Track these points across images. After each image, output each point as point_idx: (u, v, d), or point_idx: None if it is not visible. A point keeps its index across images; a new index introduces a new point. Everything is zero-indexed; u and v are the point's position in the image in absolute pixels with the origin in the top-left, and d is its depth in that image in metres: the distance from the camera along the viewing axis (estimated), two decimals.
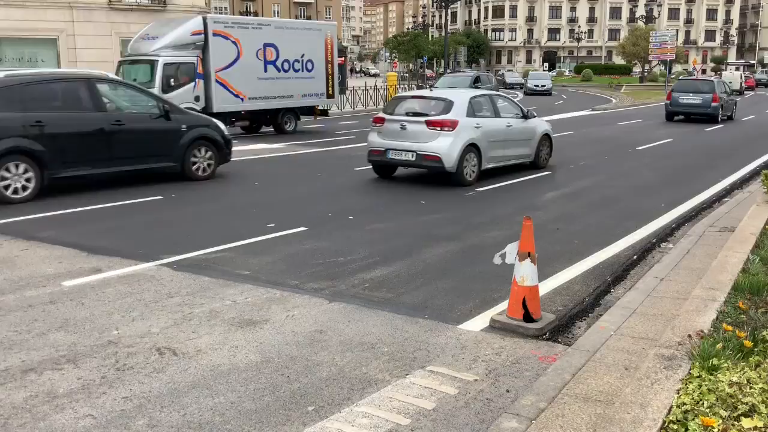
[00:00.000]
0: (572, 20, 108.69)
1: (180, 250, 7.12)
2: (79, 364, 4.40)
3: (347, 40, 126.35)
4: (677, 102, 26.10)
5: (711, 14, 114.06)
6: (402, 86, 42.46)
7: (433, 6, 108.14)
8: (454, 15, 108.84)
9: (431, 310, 5.46)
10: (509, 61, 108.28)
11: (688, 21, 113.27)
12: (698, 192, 11.07)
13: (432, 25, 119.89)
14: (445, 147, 11.18)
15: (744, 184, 12.02)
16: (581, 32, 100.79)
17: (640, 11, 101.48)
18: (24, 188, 9.76)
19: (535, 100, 40.17)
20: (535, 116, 13.52)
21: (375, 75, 77.31)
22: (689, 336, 3.01)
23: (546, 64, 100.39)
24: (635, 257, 7.16)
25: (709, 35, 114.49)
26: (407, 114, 11.87)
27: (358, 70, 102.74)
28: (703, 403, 2.45)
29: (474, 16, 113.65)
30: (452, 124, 11.32)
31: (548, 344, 4.82)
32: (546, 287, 6.00)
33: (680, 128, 23.62)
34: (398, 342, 4.79)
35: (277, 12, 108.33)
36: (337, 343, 4.76)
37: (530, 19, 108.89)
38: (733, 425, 2.35)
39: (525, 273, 4.99)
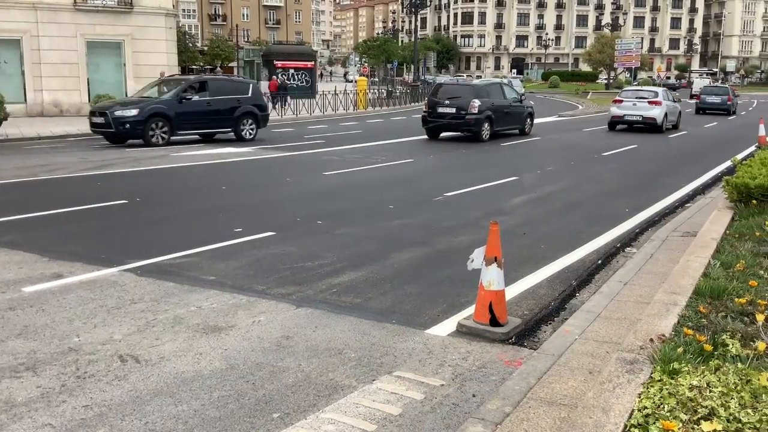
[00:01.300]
0: (540, 27, 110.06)
1: (144, 255, 7.01)
2: (38, 371, 4.30)
3: (317, 45, 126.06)
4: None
5: (675, 23, 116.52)
6: (372, 90, 42.51)
7: (402, 11, 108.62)
8: (423, 21, 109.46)
9: (399, 315, 5.45)
10: (478, 67, 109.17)
11: (653, 29, 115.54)
12: (662, 197, 11.26)
13: (402, 31, 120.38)
14: (658, 113, 24.89)
15: (706, 189, 12.25)
16: (548, 39, 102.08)
17: (606, 19, 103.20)
18: None
19: None
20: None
21: (352, 81, 77.08)
22: (651, 340, 3.05)
23: (514, 71, 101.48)
24: (600, 261, 7.25)
25: (674, 43, 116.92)
26: (636, 98, 25.84)
27: (331, 73, 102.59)
28: (663, 407, 2.48)
29: (443, 22, 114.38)
30: (659, 103, 25.14)
31: (514, 348, 4.84)
32: (513, 291, 6.04)
33: (645, 135, 24.02)
34: (365, 347, 4.77)
35: (246, 15, 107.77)
36: (303, 348, 4.72)
37: (498, 25, 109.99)
38: (692, 429, 2.38)
39: (491, 277, 5.01)
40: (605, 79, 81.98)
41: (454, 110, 20.37)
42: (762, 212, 6.43)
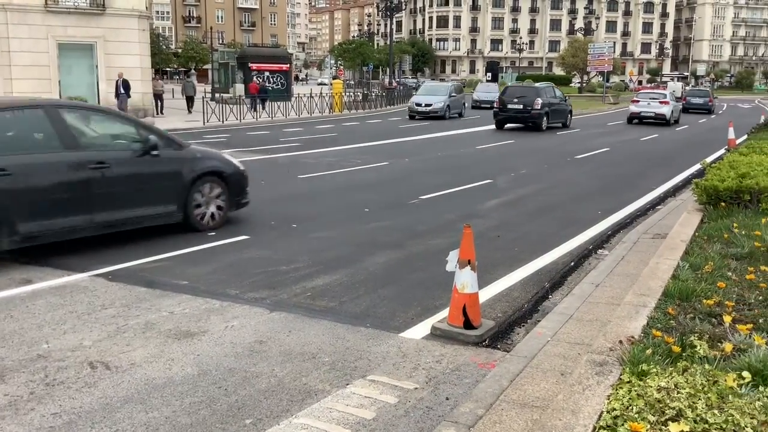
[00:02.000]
0: (514, 31, 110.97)
1: (115, 259, 6.93)
2: (6, 379, 4.22)
3: (292, 47, 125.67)
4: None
5: (647, 27, 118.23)
6: (348, 93, 42.48)
7: (378, 15, 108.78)
8: (399, 24, 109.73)
9: (373, 319, 5.45)
10: (453, 71, 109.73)
11: (625, 34, 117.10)
12: (633, 200, 11.40)
13: (377, 34, 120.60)
14: (667, 110, 30.67)
15: (677, 192, 12.44)
16: (523, 43, 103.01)
17: (579, 23, 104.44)
18: None
19: (479, 112, 40.73)
20: None
21: (321, 84, 76.88)
22: (620, 342, 3.09)
23: (489, 74, 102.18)
24: (572, 263, 7.32)
25: (645, 47, 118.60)
26: (650, 98, 31.81)
27: (303, 77, 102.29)
28: (632, 409, 2.51)
29: (419, 25, 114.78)
30: (667, 103, 31.03)
31: (488, 351, 4.87)
32: (486, 294, 6.07)
33: (617, 137, 24.34)
34: (339, 351, 4.76)
35: (221, 17, 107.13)
36: (277, 353, 4.70)
37: (473, 29, 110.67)
38: (660, 430, 2.41)
39: (465, 280, 5.03)
40: (578, 82, 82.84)
41: (521, 106, 26.42)
42: (730, 214, 6.54)
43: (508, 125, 27.20)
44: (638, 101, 32.73)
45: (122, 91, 25.84)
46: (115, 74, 26.66)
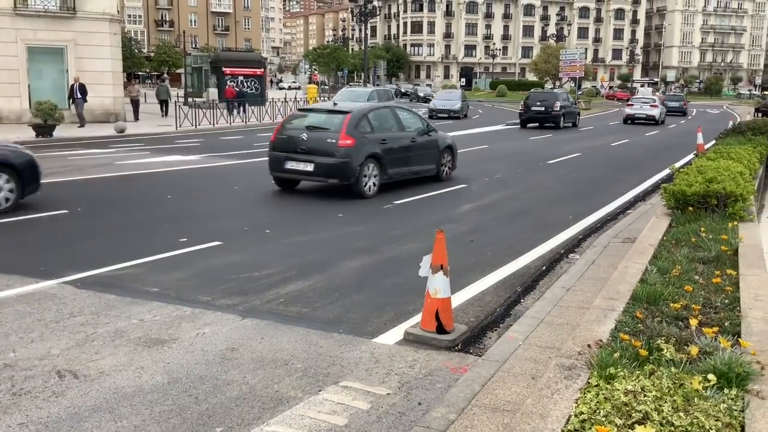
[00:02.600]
0: (487, 37, 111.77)
1: (85, 266, 6.83)
2: None
3: (266, 52, 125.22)
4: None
5: (618, 34, 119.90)
6: (323, 98, 42.42)
7: (353, 20, 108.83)
8: (374, 29, 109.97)
9: (346, 324, 5.44)
10: (428, 76, 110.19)
11: (597, 40, 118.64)
12: (604, 204, 11.54)
13: (352, 39, 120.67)
14: (657, 112, 37.67)
15: (647, 196, 12.62)
16: (496, 49, 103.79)
17: (552, 30, 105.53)
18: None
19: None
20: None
21: (296, 88, 76.53)
22: (589, 346, 3.12)
23: (463, 80, 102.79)
24: (544, 268, 7.39)
25: (616, 54, 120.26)
26: (642, 102, 38.41)
27: (277, 82, 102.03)
28: (599, 412, 2.54)
29: (393, 30, 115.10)
30: (657, 106, 37.65)
31: (460, 355, 4.89)
32: (459, 298, 6.10)
33: (588, 143, 24.64)
34: (312, 357, 4.74)
35: (194, 21, 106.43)
36: (249, 360, 4.67)
37: (447, 35, 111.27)
38: None
39: (438, 285, 5.04)
40: (551, 88, 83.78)
41: (543, 108, 32.17)
42: (698, 219, 6.65)
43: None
44: (633, 105, 39.15)
45: (78, 95, 25.47)
46: (85, 78, 26.30)
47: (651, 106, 37.99)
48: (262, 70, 46.44)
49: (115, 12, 28.96)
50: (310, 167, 11.53)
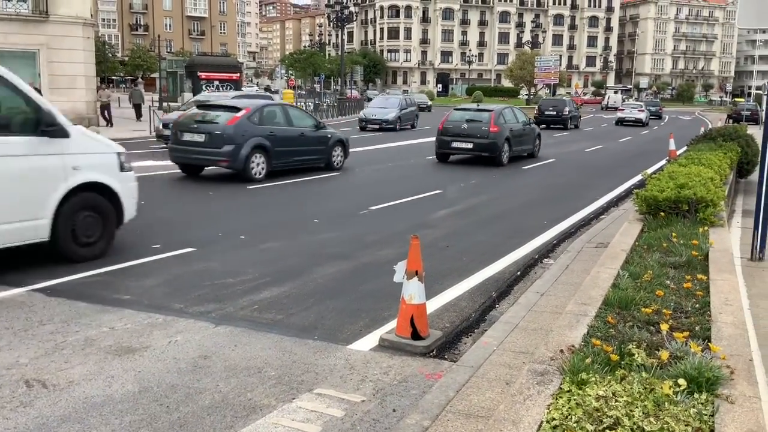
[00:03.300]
0: (464, 44, 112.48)
1: (55, 274, 6.71)
2: None
3: (243, 57, 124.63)
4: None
5: (591, 41, 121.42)
6: (299, 103, 42.32)
7: (329, 25, 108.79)
8: (350, 35, 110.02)
9: (321, 331, 5.41)
10: (405, 82, 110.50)
11: (571, 47, 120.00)
12: (578, 209, 11.64)
13: (329, 44, 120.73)
14: (643, 116, 45.92)
15: (620, 201, 12.76)
16: (472, 55, 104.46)
17: (527, 37, 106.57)
18: None
19: (428, 119, 40.81)
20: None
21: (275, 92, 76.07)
22: (561, 351, 3.13)
23: (440, 85, 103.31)
24: (519, 273, 7.42)
25: (590, 61, 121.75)
26: (631, 108, 48.02)
27: (258, 85, 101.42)
28: (571, 418, 2.55)
29: (370, 36, 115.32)
30: (643, 111, 46.89)
31: (435, 361, 4.88)
32: (435, 304, 6.11)
33: (563, 149, 24.86)
34: (286, 365, 4.70)
35: (169, 26, 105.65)
36: (221, 368, 4.61)
37: (424, 41, 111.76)
38: None
39: (413, 291, 5.04)
40: (526, 94, 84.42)
41: (555, 113, 38.43)
42: (669, 224, 6.73)
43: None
44: (624, 110, 47.73)
45: None
46: (59, 82, 25.96)
47: (639, 111, 46.29)
48: (238, 74, 46.20)
49: (89, 16, 28.63)
50: (470, 145, 18.43)
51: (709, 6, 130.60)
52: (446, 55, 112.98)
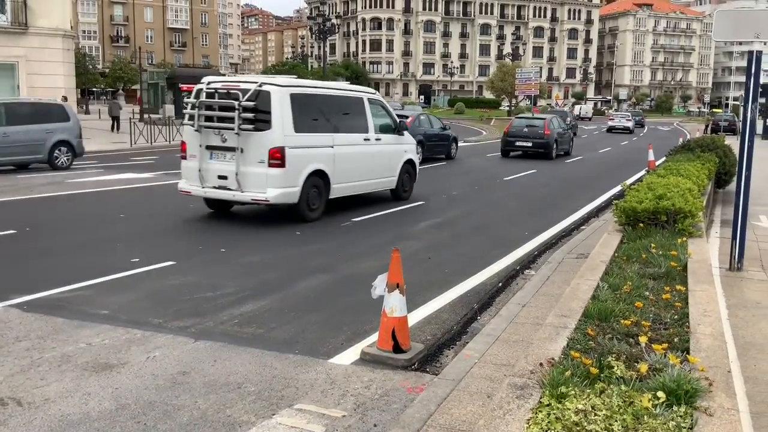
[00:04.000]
0: (445, 56, 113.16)
1: (32, 288, 6.61)
2: None
3: (225, 68, 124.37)
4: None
5: (571, 53, 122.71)
6: None
7: (311, 37, 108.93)
8: (333, 47, 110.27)
9: (302, 345, 5.37)
10: (387, 93, 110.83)
11: (551, 59, 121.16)
12: (559, 220, 11.71)
13: (311, 56, 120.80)
14: (630, 124, 54.22)
15: (600, 212, 12.85)
16: (454, 67, 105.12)
17: (507, 49, 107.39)
18: None
19: None
20: None
21: None
22: (541, 364, 3.13)
23: (422, 97, 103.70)
24: (500, 284, 7.43)
25: (570, 72, 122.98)
26: (620, 117, 56.35)
27: None
28: None
29: (352, 48, 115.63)
30: (630, 120, 55.28)
31: (417, 375, 4.86)
32: (417, 316, 6.09)
33: (544, 160, 25.01)
34: (266, 380, 4.66)
35: (151, 37, 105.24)
36: (201, 384, 4.56)
37: (406, 53, 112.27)
38: None
39: (394, 304, 5.03)
40: (507, 106, 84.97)
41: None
42: (648, 235, 6.77)
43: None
44: (613, 119, 55.23)
45: None
46: (38, 94, 25.68)
47: (627, 120, 54.38)
48: None
49: (68, 28, 28.47)
50: (529, 144, 25.26)
51: (686, 18, 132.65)
52: (428, 67, 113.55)
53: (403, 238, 9.86)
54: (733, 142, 14.45)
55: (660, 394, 2.87)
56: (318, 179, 10.98)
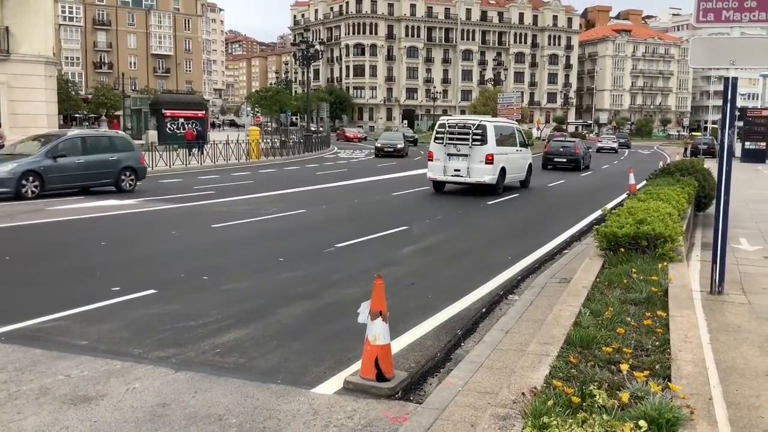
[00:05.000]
0: (428, 81, 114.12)
1: (10, 319, 6.51)
2: None
3: (209, 94, 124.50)
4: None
5: (552, 78, 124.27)
6: (266, 140, 42.31)
7: (295, 63, 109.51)
8: (317, 72, 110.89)
9: (285, 374, 5.33)
10: (371, 118, 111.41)
11: (532, 84, 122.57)
12: (542, 244, 11.75)
13: (295, 81, 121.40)
14: (615, 145, 64.87)
15: (582, 236, 12.92)
16: (436, 92, 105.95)
17: (489, 74, 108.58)
18: None
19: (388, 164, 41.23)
20: None
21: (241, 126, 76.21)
22: (523, 393, 3.12)
23: (405, 121, 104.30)
24: (484, 310, 7.43)
25: (551, 97, 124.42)
26: (607, 140, 67.11)
27: (220, 123, 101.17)
28: None
29: (336, 74, 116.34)
30: (616, 141, 67.05)
31: (400, 404, 4.83)
32: (401, 343, 6.07)
33: (523, 188, 25.19)
34: (248, 411, 4.60)
35: (134, 64, 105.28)
36: (181, 417, 4.49)
37: (389, 78, 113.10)
38: None
39: (377, 332, 5.00)
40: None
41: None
42: (629, 260, 6.81)
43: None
44: (602, 141, 64.11)
45: None
46: (19, 121, 25.60)
47: (613, 141, 64.29)
48: (204, 112, 46.16)
49: (51, 54, 28.41)
50: (565, 161, 33.12)
51: (664, 44, 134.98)
52: (411, 92, 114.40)
53: (387, 263, 9.85)
54: (712, 165, 14.64)
55: (642, 423, 2.86)
56: (503, 171, 20.48)
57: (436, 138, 20.26)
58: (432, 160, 20.24)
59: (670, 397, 3.14)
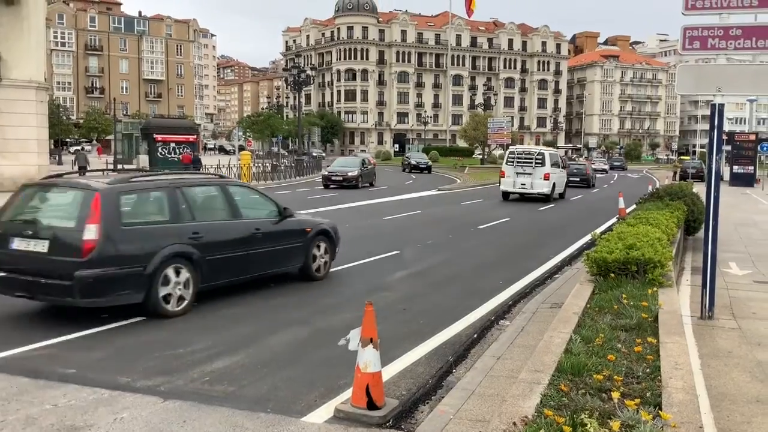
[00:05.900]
0: (419, 105, 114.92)
1: None
2: None
3: (200, 118, 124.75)
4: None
5: (541, 103, 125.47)
6: (257, 165, 42.34)
7: (287, 88, 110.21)
8: (308, 97, 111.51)
9: (275, 403, 5.28)
10: (362, 142, 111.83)
11: (522, 108, 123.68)
12: (533, 269, 11.77)
13: (287, 106, 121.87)
14: (607, 167, 74.78)
15: (573, 260, 12.95)
16: (427, 117, 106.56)
17: (479, 99, 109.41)
18: None
19: (387, 179, 41.45)
20: None
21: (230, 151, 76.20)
22: (514, 423, 3.11)
23: (397, 145, 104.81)
24: (476, 335, 7.41)
25: (541, 121, 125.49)
26: (600, 162, 79.13)
27: (212, 147, 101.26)
28: None
29: (327, 98, 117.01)
30: (606, 164, 79.72)
31: None
32: (392, 370, 6.04)
33: (516, 207, 25.30)
34: None
35: (126, 88, 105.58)
36: None
37: (380, 103, 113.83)
38: None
39: (368, 359, 4.97)
40: (480, 154, 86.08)
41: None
42: (620, 285, 6.83)
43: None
44: (594, 163, 67.89)
45: None
46: (10, 146, 25.54)
47: (603, 164, 72.76)
48: (195, 136, 46.13)
49: (42, 79, 28.44)
50: (578, 179, 40.17)
51: (652, 69, 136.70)
52: (402, 116, 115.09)
53: (378, 288, 9.82)
54: (701, 188, 14.76)
55: None
56: (553, 186, 27.61)
57: (507, 161, 28.16)
58: (504, 177, 27.92)
59: (660, 426, 3.13)
